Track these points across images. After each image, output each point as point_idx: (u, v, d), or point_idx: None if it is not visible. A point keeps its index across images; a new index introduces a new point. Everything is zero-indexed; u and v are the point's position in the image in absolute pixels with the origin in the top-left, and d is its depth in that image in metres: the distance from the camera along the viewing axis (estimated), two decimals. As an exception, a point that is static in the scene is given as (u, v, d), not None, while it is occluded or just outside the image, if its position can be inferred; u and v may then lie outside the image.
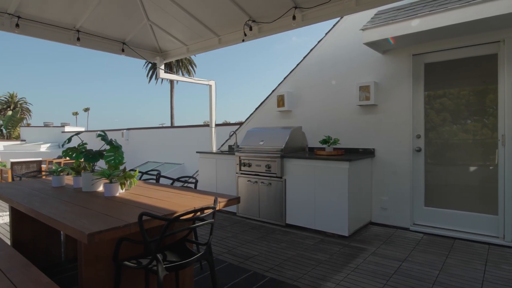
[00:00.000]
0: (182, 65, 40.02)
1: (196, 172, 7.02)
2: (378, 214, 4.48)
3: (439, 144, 4.12)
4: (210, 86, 6.47)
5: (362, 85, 4.44)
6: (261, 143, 4.80)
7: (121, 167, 2.76)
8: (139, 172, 4.06)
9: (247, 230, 4.38)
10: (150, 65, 40.49)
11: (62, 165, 8.39)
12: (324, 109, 5.04)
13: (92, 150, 2.78)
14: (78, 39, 4.48)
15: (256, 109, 6.00)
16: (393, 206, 4.35)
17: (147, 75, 40.76)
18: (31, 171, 3.88)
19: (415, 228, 4.16)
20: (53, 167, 3.12)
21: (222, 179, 5.31)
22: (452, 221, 3.98)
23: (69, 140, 2.72)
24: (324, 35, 4.99)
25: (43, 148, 14.14)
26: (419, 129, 4.21)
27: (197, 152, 5.71)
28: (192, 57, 40.91)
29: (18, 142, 15.07)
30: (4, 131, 20.05)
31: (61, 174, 3.13)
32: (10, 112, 19.78)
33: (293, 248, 3.68)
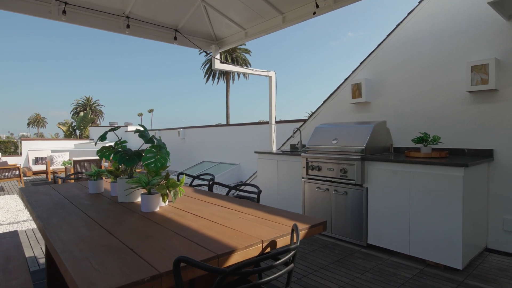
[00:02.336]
0: (237, 64, 40.30)
1: (254, 174, 6.34)
2: (499, 239, 3.31)
3: None
4: (270, 77, 5.73)
5: (476, 64, 3.30)
6: (334, 142, 3.91)
7: (164, 173, 2.12)
8: (191, 176, 3.46)
9: (318, 250, 3.54)
10: (207, 66, 41.44)
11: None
12: (415, 99, 3.97)
13: (130, 149, 2.19)
14: (128, 26, 4.05)
15: (324, 102, 5.10)
16: (523, 229, 3.15)
17: (204, 76, 41.90)
18: (73, 173, 3.48)
19: (563, 263, 2.93)
20: (92, 169, 2.62)
21: (284, 184, 4.53)
22: None
23: (103, 137, 2.16)
24: (418, 3, 3.91)
25: (108, 146, 14.79)
26: None
27: (255, 152, 5.01)
28: (247, 56, 41.06)
29: (87, 141, 16.02)
30: (77, 131, 21.79)
31: (101, 178, 2.63)
32: (82, 113, 21.43)
33: (385, 282, 2.74)
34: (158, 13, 4.19)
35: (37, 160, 12.57)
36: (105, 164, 10.78)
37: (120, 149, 2.20)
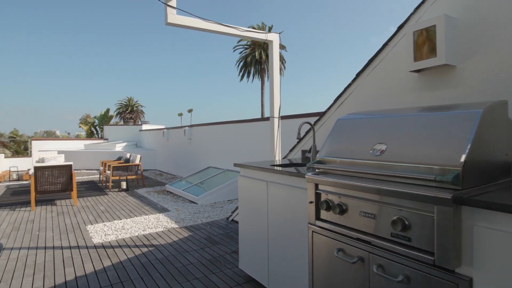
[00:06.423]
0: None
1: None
2: None
3: None
4: (271, 43, 3.61)
5: None
6: (378, 149, 1.71)
7: None
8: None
9: None
10: (241, 63, 39.99)
11: (111, 170, 6.62)
12: None
13: None
14: None
15: (358, 76, 2.86)
16: None
17: (238, 74, 40.50)
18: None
19: None
20: None
21: (278, 228, 2.39)
22: None
23: None
24: None
25: (119, 147, 13.49)
26: None
27: (235, 164, 2.91)
28: (283, 52, 39.03)
29: (100, 141, 14.94)
30: (98, 130, 21.14)
31: None
32: (103, 112, 20.76)
33: None
34: None
35: (42, 162, 11.51)
36: (107, 172, 9.25)
37: None
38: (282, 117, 3.86)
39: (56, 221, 5.11)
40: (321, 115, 3.20)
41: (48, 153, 11.89)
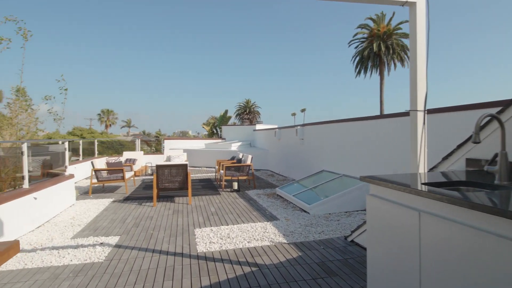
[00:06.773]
0: (394, 53, 34.42)
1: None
2: None
3: None
4: (413, 6, 2.57)
5: None
6: None
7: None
8: None
9: None
10: (357, 58, 37.67)
11: (224, 170, 6.61)
12: None
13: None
14: None
15: None
16: None
17: (355, 70, 38.30)
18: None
19: None
20: None
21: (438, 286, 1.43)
22: None
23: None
24: None
25: (234, 147, 13.95)
26: None
27: (362, 177, 2.04)
28: (406, 42, 34.91)
29: (218, 141, 15.84)
30: (218, 130, 22.76)
31: None
32: (222, 113, 22.23)
33: None
34: None
35: (169, 159, 12.82)
36: (221, 172, 9.48)
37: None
38: (429, 111, 2.76)
39: (170, 220, 5.19)
40: (507, 103, 2.00)
41: (175, 151, 13.15)
